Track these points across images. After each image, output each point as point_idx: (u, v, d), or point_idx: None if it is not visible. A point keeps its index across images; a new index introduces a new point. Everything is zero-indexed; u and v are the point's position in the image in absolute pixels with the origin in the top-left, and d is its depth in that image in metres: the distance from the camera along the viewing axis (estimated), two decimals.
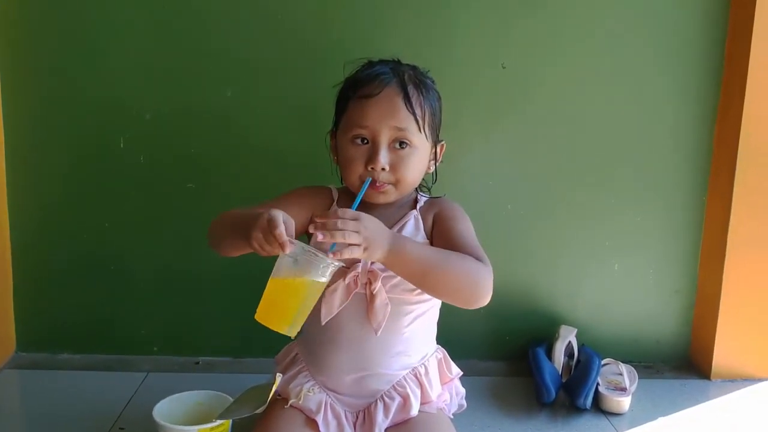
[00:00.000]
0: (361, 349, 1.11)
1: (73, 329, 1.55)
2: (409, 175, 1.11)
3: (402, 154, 1.09)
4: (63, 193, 1.50)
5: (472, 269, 1.04)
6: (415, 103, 1.09)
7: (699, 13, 1.44)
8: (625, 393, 1.36)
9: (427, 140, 1.12)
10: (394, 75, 1.11)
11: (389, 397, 1.11)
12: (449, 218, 1.15)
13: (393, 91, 1.09)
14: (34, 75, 1.45)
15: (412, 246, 1.01)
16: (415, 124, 1.09)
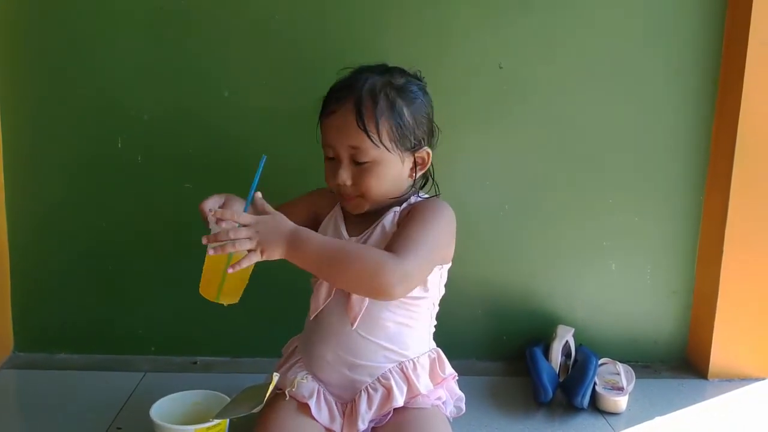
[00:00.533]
0: (346, 342, 1.14)
1: (71, 329, 1.55)
2: (373, 189, 1.13)
3: (363, 168, 1.12)
4: (60, 192, 1.50)
5: (372, 261, 1.02)
6: (368, 120, 1.09)
7: (696, 13, 1.44)
8: (623, 393, 1.36)
9: (392, 152, 1.11)
10: (353, 91, 1.11)
11: (373, 388, 1.13)
12: (415, 214, 1.13)
13: (347, 109, 1.10)
14: (31, 75, 1.45)
15: (311, 241, 1.03)
16: (368, 141, 1.09)
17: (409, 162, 1.15)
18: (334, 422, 1.12)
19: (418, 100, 1.15)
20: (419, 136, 1.14)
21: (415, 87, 1.16)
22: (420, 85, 1.18)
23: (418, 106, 1.14)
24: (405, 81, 1.15)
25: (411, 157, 1.15)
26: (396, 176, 1.14)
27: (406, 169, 1.15)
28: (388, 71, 1.16)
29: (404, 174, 1.15)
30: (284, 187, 1.27)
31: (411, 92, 1.14)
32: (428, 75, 1.44)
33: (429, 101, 1.18)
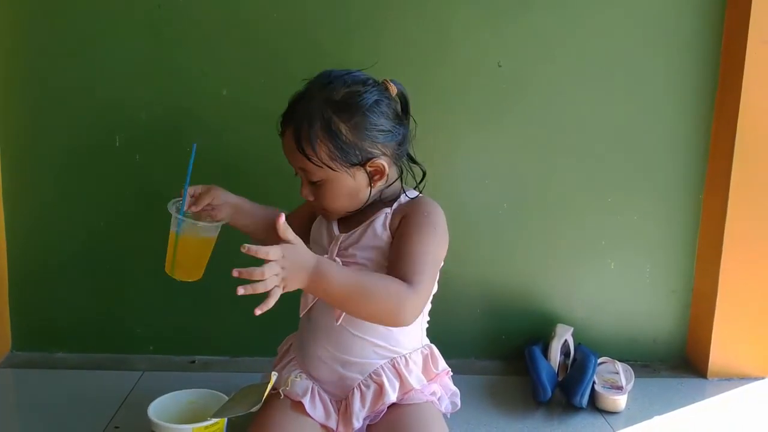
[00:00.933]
0: (336, 339, 1.14)
1: (69, 328, 1.54)
2: (331, 205, 1.13)
3: (317, 187, 1.12)
4: (58, 191, 1.50)
5: (392, 298, 1.03)
6: (305, 144, 1.08)
7: (695, 10, 1.44)
8: (622, 392, 1.36)
9: (338, 170, 1.09)
10: (293, 114, 1.10)
11: (365, 385, 1.13)
12: (411, 226, 1.11)
13: (289, 132, 1.10)
14: (29, 73, 1.45)
15: (332, 275, 1.00)
16: (310, 163, 1.09)
17: (362, 175, 1.11)
18: (329, 419, 1.13)
19: (360, 113, 1.08)
20: (366, 149, 1.09)
21: (359, 97, 1.09)
22: (369, 91, 1.10)
23: (360, 119, 1.08)
24: (346, 93, 1.09)
25: (362, 170, 1.11)
26: (351, 191, 1.12)
27: (361, 183, 1.12)
28: (329, 84, 1.10)
29: (361, 186, 1.12)
30: (284, 186, 1.27)
31: (353, 105, 1.08)
32: (428, 74, 1.45)
33: (386, 106, 1.12)
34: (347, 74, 1.12)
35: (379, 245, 1.13)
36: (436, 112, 1.47)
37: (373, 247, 1.13)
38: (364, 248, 1.13)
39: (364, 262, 1.13)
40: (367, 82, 1.12)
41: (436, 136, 1.47)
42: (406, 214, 1.13)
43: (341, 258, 1.14)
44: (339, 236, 1.16)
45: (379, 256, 1.13)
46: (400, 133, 1.14)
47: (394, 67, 1.44)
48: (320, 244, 1.19)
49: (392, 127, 1.12)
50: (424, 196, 1.18)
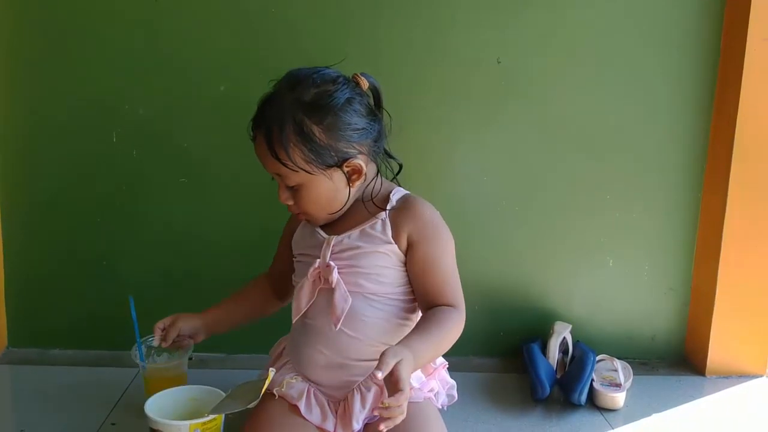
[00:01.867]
0: (333, 341, 1.13)
1: (65, 325, 1.54)
2: (311, 209, 1.12)
3: (295, 191, 1.11)
4: (55, 187, 1.49)
5: (455, 328, 1.10)
6: (278, 149, 1.06)
7: (695, 7, 1.44)
8: (620, 389, 1.36)
9: (314, 173, 1.07)
10: (263, 119, 1.08)
11: (366, 387, 1.12)
12: (429, 247, 1.12)
13: (261, 137, 1.08)
14: (26, 69, 1.44)
15: (423, 356, 1.04)
16: (285, 168, 1.07)
17: (340, 175, 1.10)
18: (326, 421, 1.11)
19: (332, 113, 1.06)
20: (341, 149, 1.07)
21: (329, 97, 1.07)
22: (340, 90, 1.08)
23: (333, 119, 1.06)
24: (315, 93, 1.07)
25: (339, 170, 1.09)
26: (330, 193, 1.11)
27: (339, 183, 1.10)
28: (298, 84, 1.07)
29: (339, 188, 1.11)
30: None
31: (323, 106, 1.06)
32: (427, 69, 1.45)
33: (357, 103, 1.09)
34: (315, 73, 1.09)
35: (379, 252, 1.12)
36: (435, 109, 1.46)
37: (373, 254, 1.12)
38: (364, 256, 1.12)
39: (366, 271, 1.12)
40: (337, 80, 1.09)
41: (434, 132, 1.47)
42: (411, 229, 1.12)
43: (337, 262, 1.12)
44: (330, 238, 1.14)
45: (380, 264, 1.12)
46: (375, 129, 1.12)
47: (393, 62, 1.44)
48: (308, 249, 1.17)
49: (366, 124, 1.10)
50: (414, 197, 1.17)
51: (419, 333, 1.06)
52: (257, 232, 1.44)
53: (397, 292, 1.14)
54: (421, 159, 1.48)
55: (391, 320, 1.14)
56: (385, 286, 1.13)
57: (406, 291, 1.15)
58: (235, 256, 1.50)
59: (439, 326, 1.08)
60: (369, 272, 1.12)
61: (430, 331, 1.06)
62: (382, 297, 1.13)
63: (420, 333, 1.06)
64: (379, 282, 1.12)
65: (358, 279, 1.12)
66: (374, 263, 1.12)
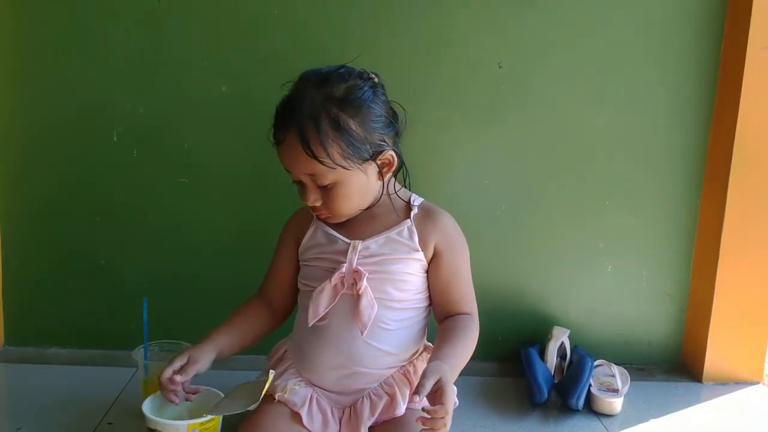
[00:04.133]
0: (349, 348, 1.11)
1: (63, 324, 1.54)
2: (342, 207, 1.11)
3: (328, 190, 1.09)
4: (54, 186, 1.49)
5: (474, 336, 1.13)
6: (315, 147, 1.03)
7: (695, 15, 1.45)
8: (617, 394, 1.36)
9: (351, 169, 1.06)
10: (294, 118, 1.05)
11: (376, 395, 1.11)
12: (454, 258, 1.15)
13: (293, 138, 1.05)
14: (26, 67, 1.44)
15: (457, 367, 1.07)
16: (323, 167, 1.05)
17: (373, 169, 1.10)
18: (327, 429, 1.10)
19: (365, 106, 1.07)
20: (376, 142, 1.08)
21: (360, 90, 1.07)
22: (366, 84, 1.09)
23: (366, 113, 1.07)
24: (346, 88, 1.07)
25: (373, 164, 1.09)
26: (364, 188, 1.10)
27: (372, 177, 1.11)
28: (326, 81, 1.07)
29: (372, 181, 1.11)
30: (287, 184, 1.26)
31: (355, 100, 1.06)
32: (428, 74, 1.45)
33: (381, 96, 1.10)
34: (340, 69, 1.09)
35: (407, 258, 1.12)
36: (436, 112, 1.47)
37: (401, 260, 1.12)
38: (392, 262, 1.12)
39: (393, 278, 1.12)
40: (362, 75, 1.10)
41: (435, 136, 1.47)
42: (438, 239, 1.14)
43: (363, 267, 1.10)
44: (356, 243, 1.12)
45: (406, 271, 1.13)
46: (396, 122, 1.13)
47: (394, 66, 1.44)
48: (327, 254, 1.15)
49: (390, 116, 1.12)
50: (433, 206, 1.19)
51: (451, 345, 1.08)
52: (257, 233, 1.44)
53: (415, 299, 1.15)
54: (421, 162, 1.47)
55: (408, 328, 1.14)
56: (408, 293, 1.13)
57: (424, 297, 1.16)
58: (235, 256, 1.50)
59: (465, 336, 1.11)
60: (394, 278, 1.12)
61: (458, 341, 1.09)
62: (403, 304, 1.13)
63: (451, 344, 1.08)
64: (403, 289, 1.13)
65: (384, 286, 1.11)
66: (401, 270, 1.12)
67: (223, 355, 1.17)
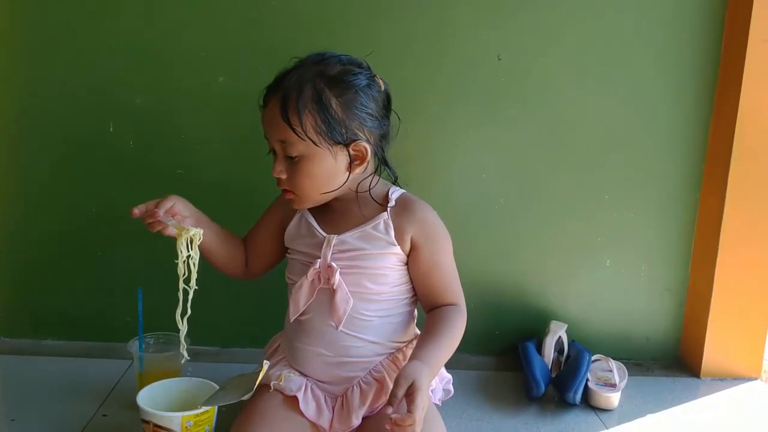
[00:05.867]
0: (333, 340, 1.12)
1: (58, 315, 1.53)
2: (303, 186, 1.09)
3: (294, 164, 1.08)
4: (50, 177, 1.48)
5: (460, 327, 1.12)
6: (291, 112, 1.05)
7: (695, 8, 1.44)
8: (615, 389, 1.36)
9: (320, 146, 1.06)
10: (283, 82, 1.07)
11: (366, 382, 1.12)
12: (433, 249, 1.14)
13: (274, 102, 1.07)
14: (22, 57, 1.43)
15: (437, 362, 1.07)
16: (293, 134, 1.05)
17: (344, 156, 1.08)
18: (321, 417, 1.10)
19: (353, 90, 1.07)
20: (353, 129, 1.07)
21: (355, 77, 1.08)
22: (363, 74, 1.10)
23: (352, 97, 1.07)
24: (340, 70, 1.08)
25: (344, 151, 1.08)
26: (329, 172, 1.09)
27: (341, 164, 1.09)
28: (324, 60, 1.09)
29: (339, 169, 1.09)
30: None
31: (344, 82, 1.07)
32: (426, 66, 1.44)
33: (376, 92, 1.11)
34: (344, 55, 1.12)
35: (382, 253, 1.12)
36: (435, 105, 1.46)
37: (377, 255, 1.12)
38: (367, 257, 1.11)
39: (369, 272, 1.11)
40: (362, 65, 1.12)
41: (433, 129, 1.47)
42: (415, 231, 1.12)
43: (339, 263, 1.11)
44: (331, 238, 1.12)
45: (383, 265, 1.12)
46: (385, 125, 1.12)
47: (393, 58, 1.43)
48: (305, 248, 1.15)
49: (379, 114, 1.11)
50: (413, 197, 1.17)
51: (430, 341, 1.07)
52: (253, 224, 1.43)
53: (396, 291, 1.14)
54: (420, 156, 1.47)
55: (390, 318, 1.14)
56: (387, 286, 1.13)
57: (406, 289, 1.16)
58: None
59: (448, 328, 1.10)
60: (371, 273, 1.12)
61: (440, 335, 1.08)
62: (382, 297, 1.13)
63: (431, 340, 1.07)
64: (381, 283, 1.12)
65: (360, 280, 1.11)
66: (377, 264, 1.12)
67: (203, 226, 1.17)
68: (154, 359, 1.28)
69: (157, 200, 1.13)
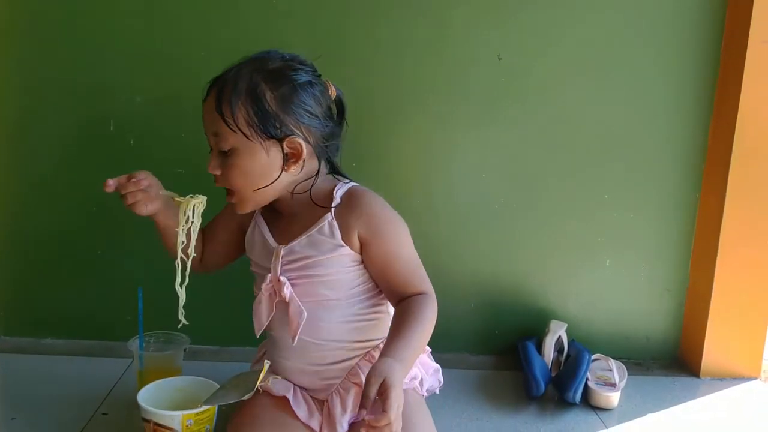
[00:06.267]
0: (303, 351, 1.11)
1: (59, 314, 1.53)
2: (236, 182, 1.06)
3: (227, 159, 1.05)
4: (50, 175, 1.48)
5: (432, 318, 1.07)
6: (224, 104, 1.03)
7: (695, 9, 1.44)
8: (615, 388, 1.36)
9: (252, 139, 1.03)
10: (223, 77, 1.06)
11: (344, 388, 1.11)
12: (383, 243, 1.08)
13: (212, 95, 1.05)
14: (22, 55, 1.43)
15: (409, 357, 1.01)
16: (225, 126, 1.03)
17: (277, 152, 1.05)
18: (312, 418, 1.10)
19: (291, 85, 1.04)
20: (288, 124, 1.04)
21: (294, 72, 1.05)
22: (305, 71, 1.07)
23: (288, 92, 1.04)
24: (281, 65, 1.06)
25: (278, 146, 1.04)
26: (261, 168, 1.05)
27: (274, 161, 1.05)
28: (267, 56, 1.08)
29: (273, 165, 1.05)
30: None
31: (283, 77, 1.04)
32: (426, 65, 1.45)
33: (319, 91, 1.07)
34: (289, 54, 1.09)
35: (331, 257, 1.07)
36: (435, 105, 1.46)
37: (326, 260, 1.08)
38: (316, 264, 1.08)
39: (321, 279, 1.08)
40: (305, 63, 1.08)
41: (432, 128, 1.47)
42: (362, 229, 1.07)
43: (289, 274, 1.09)
44: (279, 249, 1.10)
45: (334, 269, 1.08)
46: (328, 127, 1.08)
47: (393, 58, 1.43)
48: (260, 259, 1.14)
49: (321, 114, 1.07)
50: (359, 190, 1.11)
51: (399, 336, 1.02)
52: None
53: (357, 292, 1.11)
54: (419, 155, 1.48)
55: (357, 319, 1.11)
56: (344, 290, 1.10)
57: (366, 288, 1.12)
58: None
59: (417, 320, 1.04)
60: (324, 279, 1.09)
61: (408, 328, 1.03)
62: (342, 302, 1.10)
63: (399, 335, 1.02)
64: (336, 288, 1.09)
65: (314, 288, 1.09)
66: (328, 269, 1.08)
67: (166, 212, 1.16)
68: (154, 358, 1.28)
69: (129, 174, 1.12)
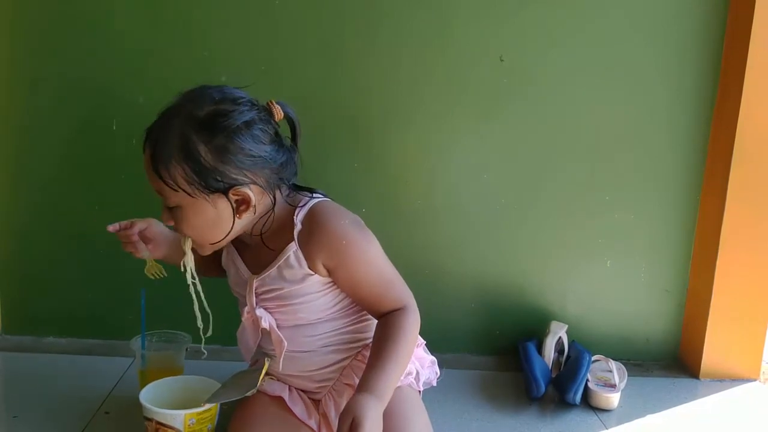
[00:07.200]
0: (294, 362, 1.12)
1: (60, 313, 1.53)
2: (191, 235, 1.04)
3: (175, 213, 1.02)
4: (53, 175, 1.49)
5: (413, 334, 1.05)
6: (160, 164, 0.97)
7: (697, 10, 1.44)
8: (615, 389, 1.36)
9: (195, 196, 0.98)
10: (154, 128, 1.00)
11: (337, 391, 1.11)
12: (349, 267, 1.04)
13: (147, 153, 1.00)
14: (25, 56, 1.44)
15: (387, 385, 1.00)
16: (165, 186, 0.99)
17: (225, 203, 1.00)
18: (310, 418, 1.11)
19: (225, 134, 0.97)
20: (230, 175, 0.98)
21: (225, 117, 0.98)
22: (239, 111, 0.99)
23: (224, 142, 0.97)
24: (212, 111, 0.98)
25: (224, 197, 1.00)
26: (212, 221, 1.01)
27: (224, 213, 1.01)
28: (196, 98, 1.00)
29: (224, 217, 1.01)
30: None
31: (215, 126, 0.97)
32: (430, 66, 1.45)
33: (261, 125, 1.01)
34: (219, 90, 1.02)
35: (303, 285, 1.06)
36: (437, 106, 1.46)
37: (298, 289, 1.06)
38: (290, 294, 1.07)
39: (297, 306, 1.07)
40: (238, 100, 1.01)
41: (435, 129, 1.47)
42: (325, 256, 1.04)
43: (266, 304, 1.09)
44: (252, 279, 1.08)
45: (308, 295, 1.07)
46: (276, 159, 1.02)
47: (394, 58, 1.44)
48: (237, 287, 1.14)
49: (266, 152, 1.00)
50: (318, 211, 1.06)
51: (375, 365, 1.00)
52: None
53: (335, 309, 1.10)
54: (421, 155, 1.48)
55: (339, 330, 1.11)
56: (323, 311, 1.09)
57: (347, 304, 1.11)
58: None
59: (394, 342, 1.02)
60: (301, 306, 1.08)
61: (385, 356, 1.01)
62: (323, 319, 1.10)
63: (376, 365, 1.00)
64: (315, 311, 1.08)
65: (294, 314, 1.08)
66: (303, 297, 1.07)
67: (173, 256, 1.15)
68: (156, 357, 1.29)
69: (132, 220, 1.14)
